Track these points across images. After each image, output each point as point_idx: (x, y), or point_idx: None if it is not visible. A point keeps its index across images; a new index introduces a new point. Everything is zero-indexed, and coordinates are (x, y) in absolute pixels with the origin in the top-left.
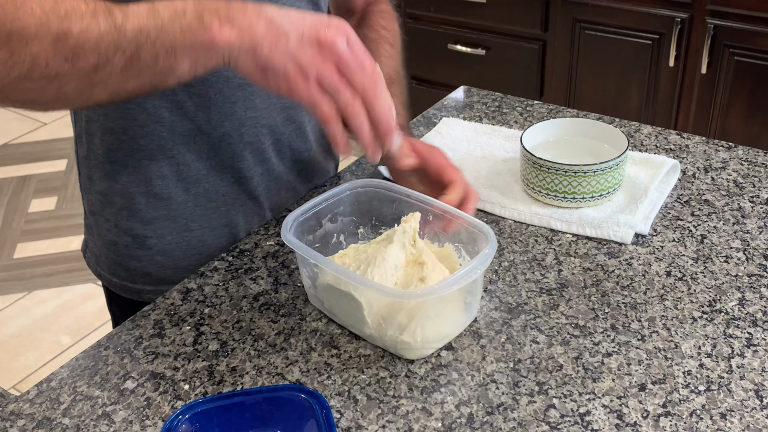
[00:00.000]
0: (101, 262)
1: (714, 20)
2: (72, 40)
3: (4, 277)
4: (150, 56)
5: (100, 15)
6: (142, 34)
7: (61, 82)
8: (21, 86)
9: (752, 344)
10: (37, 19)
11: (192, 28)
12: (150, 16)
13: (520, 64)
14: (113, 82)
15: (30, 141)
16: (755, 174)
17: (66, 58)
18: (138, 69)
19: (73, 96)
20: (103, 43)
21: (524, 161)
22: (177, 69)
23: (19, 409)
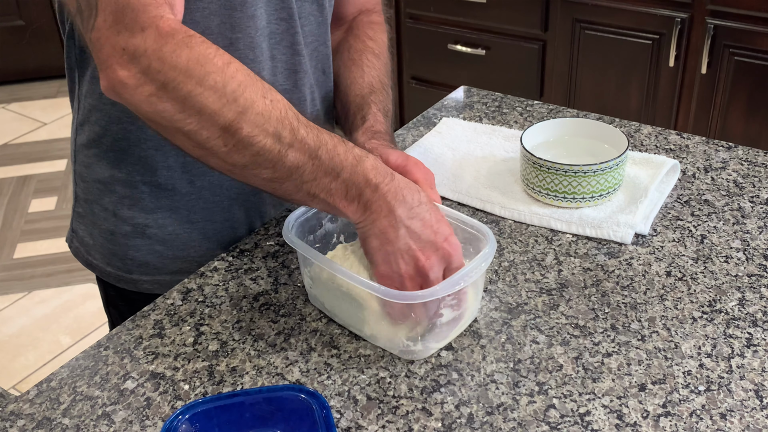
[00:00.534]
0: (94, 251)
1: (714, 20)
2: (238, 137)
3: (4, 277)
4: (291, 189)
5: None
6: (297, 171)
7: (209, 153)
8: (174, 135)
9: (752, 344)
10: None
11: (336, 194)
12: (311, 158)
13: (520, 64)
14: (249, 180)
15: (30, 141)
16: (755, 174)
17: (225, 144)
18: (277, 187)
19: (211, 166)
20: (262, 156)
21: (524, 161)
22: (307, 205)
23: (19, 409)
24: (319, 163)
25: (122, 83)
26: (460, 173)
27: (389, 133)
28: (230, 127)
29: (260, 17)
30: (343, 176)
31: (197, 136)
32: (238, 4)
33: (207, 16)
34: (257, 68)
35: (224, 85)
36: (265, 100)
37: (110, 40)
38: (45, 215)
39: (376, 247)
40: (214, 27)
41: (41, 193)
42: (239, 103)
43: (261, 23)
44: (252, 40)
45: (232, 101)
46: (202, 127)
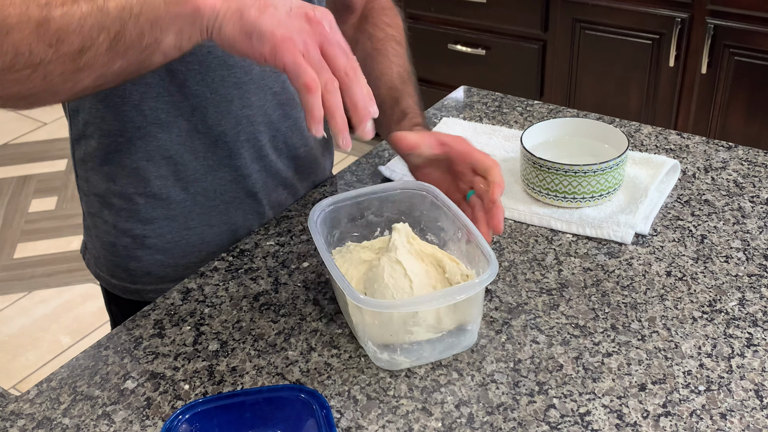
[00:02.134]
0: (100, 263)
1: (714, 20)
2: (54, 25)
3: (4, 277)
4: (135, 33)
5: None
6: (125, 11)
7: (46, 69)
8: (4, 79)
9: (752, 344)
10: (17, 8)
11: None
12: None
13: (520, 64)
14: (99, 63)
15: (30, 141)
16: (755, 174)
17: (49, 44)
18: (123, 47)
19: (59, 83)
20: (86, 24)
21: (524, 161)
22: (162, 43)
23: (19, 409)
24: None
25: None
26: None
27: (425, 124)
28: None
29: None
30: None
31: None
32: None
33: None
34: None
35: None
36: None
37: None
38: (45, 215)
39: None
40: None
41: (41, 193)
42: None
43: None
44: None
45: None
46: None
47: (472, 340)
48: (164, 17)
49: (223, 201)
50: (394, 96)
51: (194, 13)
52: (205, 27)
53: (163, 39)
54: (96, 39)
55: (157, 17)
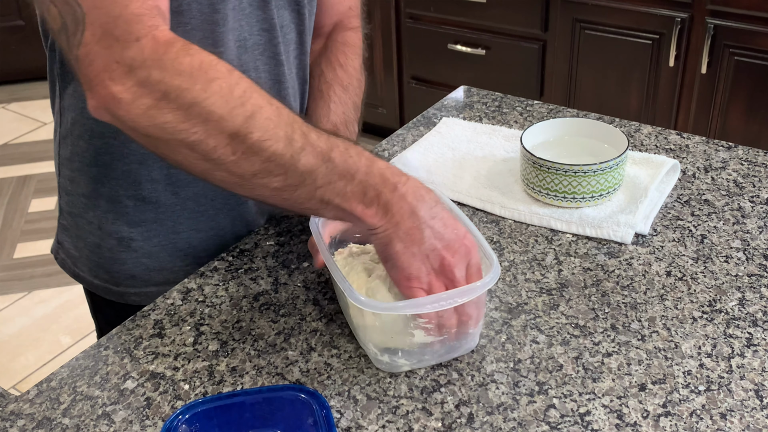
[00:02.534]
0: (80, 263)
1: (714, 20)
2: (248, 143)
3: (4, 277)
4: (305, 196)
5: (281, 130)
6: (311, 176)
7: (215, 167)
8: (177, 149)
9: (752, 344)
10: (225, 104)
11: (353, 198)
12: (324, 161)
13: (520, 64)
14: (257, 193)
15: (30, 141)
16: (755, 174)
17: (234, 153)
18: (287, 196)
19: (215, 182)
20: (273, 161)
21: (524, 161)
22: (319, 214)
23: (19, 409)
24: (333, 165)
25: (116, 99)
26: (460, 173)
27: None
28: (239, 132)
29: (240, 29)
30: (359, 177)
31: (203, 146)
32: (219, 18)
33: (188, 31)
34: None
35: (230, 90)
36: (271, 106)
37: (100, 55)
38: (45, 215)
39: (400, 251)
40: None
41: (41, 193)
42: (247, 108)
43: (243, 35)
44: (232, 53)
45: (240, 105)
46: (208, 135)
47: (474, 343)
48: (334, 205)
49: (213, 207)
50: None
51: (358, 219)
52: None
53: (322, 213)
54: (272, 177)
55: (330, 201)
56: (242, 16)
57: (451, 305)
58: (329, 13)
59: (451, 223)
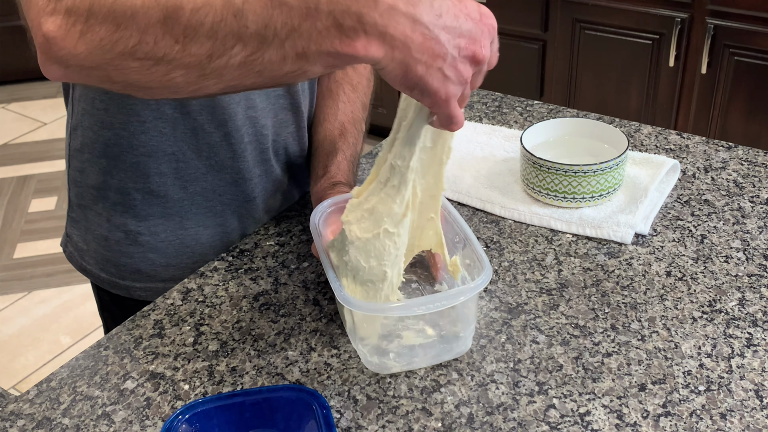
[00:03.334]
0: (88, 256)
1: (714, 20)
2: (183, 20)
3: (4, 277)
4: (277, 58)
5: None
6: (268, 29)
7: (169, 66)
8: (124, 65)
9: (752, 344)
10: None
11: (330, 34)
12: (272, 6)
13: (520, 64)
14: (229, 76)
15: (30, 141)
16: (755, 174)
17: (176, 40)
18: (260, 67)
19: (182, 84)
20: (220, 30)
21: (524, 161)
22: (308, 72)
23: (19, 409)
24: (287, 7)
25: (51, 40)
26: (460, 173)
27: (349, 182)
28: (168, 12)
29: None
30: (324, 7)
31: (144, 48)
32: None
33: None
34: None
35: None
36: None
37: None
38: (45, 215)
39: (424, 75)
40: None
41: (41, 193)
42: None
43: None
44: None
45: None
46: (142, 31)
47: (465, 347)
48: (314, 50)
49: (221, 203)
50: (326, 149)
51: (351, 55)
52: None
53: (310, 69)
54: (229, 50)
55: (306, 48)
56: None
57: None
58: None
59: (461, 7)
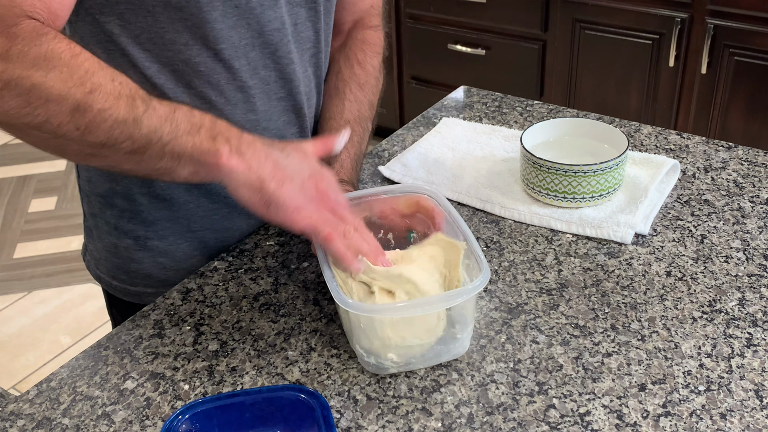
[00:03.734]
0: (101, 265)
1: (714, 20)
2: (89, 116)
3: (4, 277)
4: (156, 155)
5: (123, 101)
6: (156, 134)
7: (65, 143)
8: (25, 130)
9: (752, 344)
10: (64, 84)
11: (203, 147)
12: (168, 121)
13: (520, 64)
14: (113, 159)
15: None
16: (755, 174)
17: (77, 128)
18: (140, 160)
19: (71, 155)
20: (117, 128)
21: (524, 161)
22: (175, 173)
23: (19, 409)
24: (177, 123)
25: None
26: (460, 173)
27: (352, 180)
28: (79, 106)
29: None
30: (205, 128)
31: (48, 126)
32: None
33: (189, 27)
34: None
35: (71, 72)
36: (114, 83)
37: None
38: (45, 215)
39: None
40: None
41: (41, 193)
42: (86, 86)
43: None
44: (239, 50)
45: (80, 84)
46: (51, 115)
47: (463, 349)
48: (187, 157)
49: (227, 205)
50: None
51: (214, 166)
52: (219, 179)
53: (178, 171)
54: (120, 144)
55: (181, 153)
56: (251, 15)
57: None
58: (350, 11)
59: (304, 157)
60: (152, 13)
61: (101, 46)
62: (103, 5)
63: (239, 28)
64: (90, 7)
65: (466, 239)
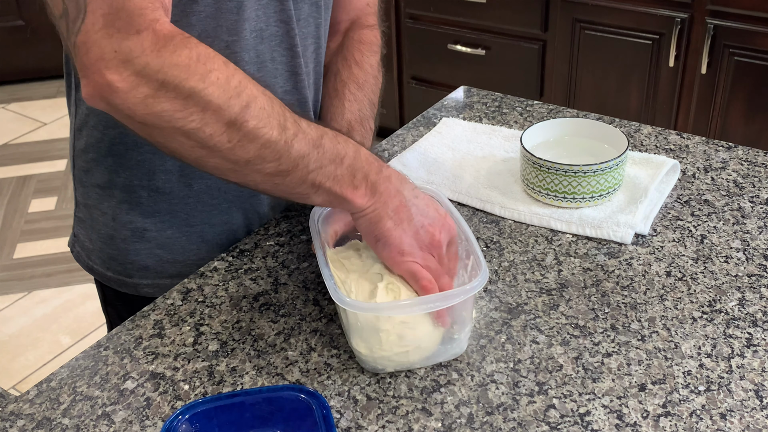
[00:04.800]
0: (94, 255)
1: (714, 20)
2: (243, 131)
3: (4, 277)
4: (297, 180)
5: (274, 119)
6: (303, 161)
7: (211, 153)
8: (172, 135)
9: (752, 344)
10: (222, 93)
11: (343, 181)
12: (315, 147)
13: (520, 64)
14: (250, 178)
15: (30, 141)
16: (755, 174)
17: (230, 141)
18: (279, 182)
19: (211, 169)
20: (267, 148)
21: (524, 161)
22: (309, 199)
23: (19, 409)
24: (323, 151)
25: (112, 88)
26: (460, 173)
27: None
28: (236, 120)
29: (257, 19)
30: (347, 161)
31: (200, 134)
32: (233, 7)
33: (203, 19)
34: (256, 69)
35: (227, 80)
36: (265, 96)
37: (99, 44)
38: (45, 215)
39: (390, 228)
40: (210, 30)
41: (41, 193)
42: (243, 98)
43: (258, 25)
44: (248, 43)
45: (236, 96)
46: (205, 123)
47: (460, 349)
48: (325, 188)
49: (226, 200)
50: None
51: (348, 201)
52: (349, 211)
53: (312, 198)
54: (266, 163)
55: (320, 184)
56: (259, 6)
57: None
58: (346, 10)
59: (432, 203)
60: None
61: None
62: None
63: (251, 20)
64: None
65: (467, 239)
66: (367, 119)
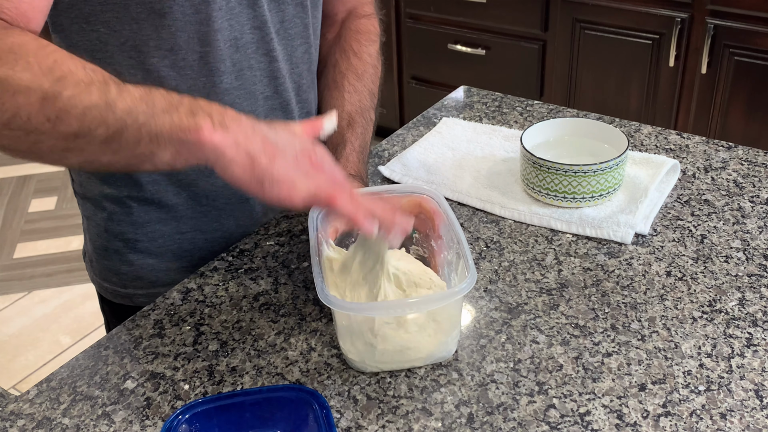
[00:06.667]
0: (94, 267)
1: (714, 20)
2: (59, 104)
3: (4, 277)
4: (132, 138)
5: (95, 86)
6: (131, 115)
7: (38, 138)
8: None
9: (752, 344)
10: (32, 74)
11: (182, 123)
12: (143, 101)
13: (520, 64)
14: (89, 151)
15: None
16: (755, 174)
17: (48, 118)
18: (117, 147)
19: (46, 154)
20: (89, 114)
21: (524, 161)
22: (156, 157)
23: (19, 409)
24: (153, 103)
25: None
26: (460, 173)
27: (360, 174)
28: (48, 94)
29: (230, 29)
30: (185, 108)
31: (18, 121)
32: (203, 19)
33: (174, 33)
34: (234, 78)
35: (39, 62)
36: (85, 70)
37: None
38: (45, 215)
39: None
40: (182, 43)
41: (41, 193)
42: (55, 74)
43: (232, 34)
44: (222, 53)
45: (48, 73)
46: (19, 107)
47: (449, 353)
48: (165, 136)
49: (215, 207)
50: (334, 141)
51: (197, 144)
52: (205, 159)
53: (158, 154)
54: (94, 130)
55: (159, 133)
56: (231, 15)
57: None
58: (342, 0)
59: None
60: (137, 20)
61: (89, 54)
62: (90, 14)
63: (224, 30)
64: (76, 16)
65: (459, 242)
66: (368, 110)
